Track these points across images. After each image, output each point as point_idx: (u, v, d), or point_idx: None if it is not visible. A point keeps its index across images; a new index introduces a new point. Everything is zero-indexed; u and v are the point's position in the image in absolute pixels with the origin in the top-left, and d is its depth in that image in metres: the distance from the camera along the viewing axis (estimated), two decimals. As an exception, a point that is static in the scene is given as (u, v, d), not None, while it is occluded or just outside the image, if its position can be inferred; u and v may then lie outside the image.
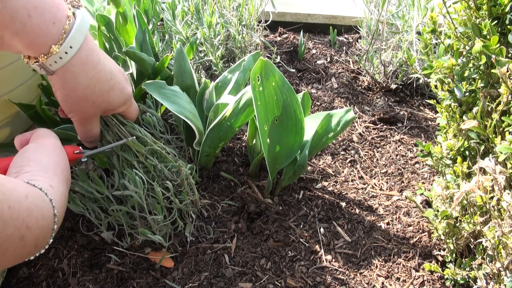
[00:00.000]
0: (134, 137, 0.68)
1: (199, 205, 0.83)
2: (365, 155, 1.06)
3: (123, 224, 0.72)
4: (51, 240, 0.48)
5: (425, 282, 0.77)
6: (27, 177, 0.47)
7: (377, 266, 0.79)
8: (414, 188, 0.98)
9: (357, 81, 1.32)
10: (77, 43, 0.54)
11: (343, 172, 1.00)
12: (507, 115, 0.65)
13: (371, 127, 1.15)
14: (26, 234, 0.42)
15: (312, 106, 1.20)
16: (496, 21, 0.68)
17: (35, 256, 0.47)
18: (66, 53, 0.53)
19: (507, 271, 0.62)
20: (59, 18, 0.52)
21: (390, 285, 0.76)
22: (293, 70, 1.32)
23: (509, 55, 0.67)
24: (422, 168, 1.03)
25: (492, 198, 0.64)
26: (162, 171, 0.72)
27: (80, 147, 0.63)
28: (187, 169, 0.75)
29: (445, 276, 0.76)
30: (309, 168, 1.00)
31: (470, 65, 0.71)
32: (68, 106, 0.59)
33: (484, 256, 0.66)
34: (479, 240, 0.67)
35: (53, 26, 0.52)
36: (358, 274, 0.78)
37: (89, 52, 0.56)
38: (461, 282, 0.73)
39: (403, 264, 0.80)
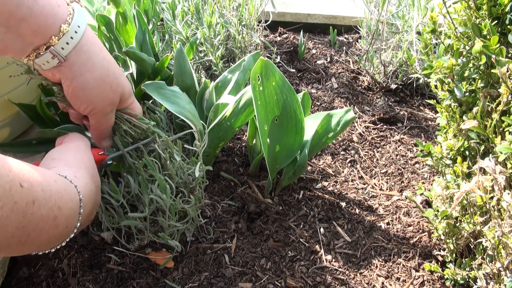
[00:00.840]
0: (151, 138, 0.68)
1: (203, 205, 0.83)
2: (365, 155, 1.06)
3: (131, 226, 0.71)
4: (78, 224, 0.51)
5: (425, 282, 0.77)
6: (54, 171, 0.50)
7: (377, 266, 0.79)
8: (414, 188, 0.98)
9: (357, 81, 1.32)
10: (82, 23, 0.55)
11: (343, 172, 1.00)
12: (507, 115, 0.65)
13: (371, 127, 1.15)
14: (58, 215, 0.45)
15: (312, 106, 1.20)
16: (496, 21, 0.68)
17: (65, 241, 0.50)
18: (76, 32, 0.54)
19: (507, 271, 0.62)
20: (62, 2, 0.54)
21: (390, 285, 0.76)
22: (293, 70, 1.32)
23: (509, 55, 0.67)
24: (422, 168, 1.03)
25: (492, 198, 0.63)
26: (179, 173, 0.71)
27: (104, 150, 0.65)
28: (203, 171, 0.74)
29: (445, 276, 0.76)
30: (309, 168, 1.00)
31: (470, 65, 0.71)
32: (88, 96, 0.58)
33: (484, 256, 0.66)
34: (479, 240, 0.67)
35: (59, 8, 0.53)
36: (358, 274, 0.78)
37: (92, 34, 0.57)
38: (461, 282, 0.73)
39: (403, 264, 0.80)
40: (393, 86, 1.26)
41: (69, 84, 0.57)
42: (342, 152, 1.06)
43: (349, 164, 1.03)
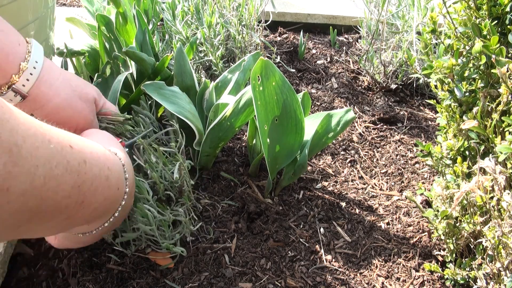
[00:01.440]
0: (151, 129, 0.71)
1: (194, 202, 0.83)
2: (365, 155, 1.06)
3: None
4: (127, 189, 0.54)
5: (425, 282, 0.77)
6: None
7: (377, 266, 0.79)
8: (414, 188, 0.98)
9: (357, 81, 1.32)
10: (39, 57, 0.58)
11: (343, 172, 1.00)
12: (507, 115, 0.65)
13: (371, 127, 1.15)
14: (109, 175, 0.48)
15: (312, 106, 1.20)
16: (496, 21, 0.68)
17: (120, 205, 0.53)
18: (34, 68, 0.57)
19: (507, 271, 0.62)
20: (22, 40, 0.57)
21: (390, 285, 0.76)
22: (293, 70, 1.32)
23: (509, 55, 0.67)
24: (422, 168, 1.03)
25: (492, 198, 0.63)
26: (163, 174, 0.71)
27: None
28: (186, 168, 0.75)
29: (445, 276, 0.76)
30: (309, 168, 1.00)
31: (470, 65, 0.71)
32: (65, 117, 0.62)
33: (484, 256, 0.66)
34: (479, 240, 0.67)
35: (19, 47, 0.56)
36: (358, 274, 0.78)
37: (48, 62, 0.61)
38: (461, 282, 0.73)
39: (403, 264, 0.80)
40: (393, 86, 1.26)
41: (40, 113, 0.60)
42: (342, 152, 1.06)
43: (349, 164, 1.03)
